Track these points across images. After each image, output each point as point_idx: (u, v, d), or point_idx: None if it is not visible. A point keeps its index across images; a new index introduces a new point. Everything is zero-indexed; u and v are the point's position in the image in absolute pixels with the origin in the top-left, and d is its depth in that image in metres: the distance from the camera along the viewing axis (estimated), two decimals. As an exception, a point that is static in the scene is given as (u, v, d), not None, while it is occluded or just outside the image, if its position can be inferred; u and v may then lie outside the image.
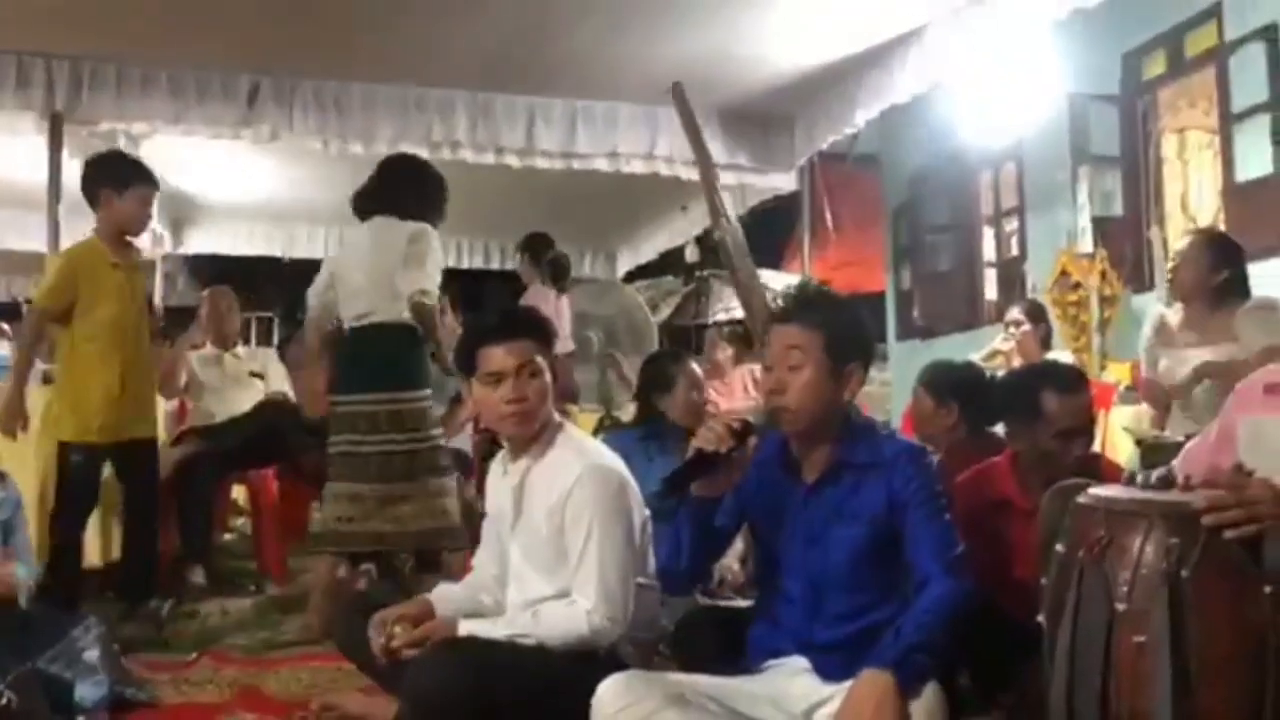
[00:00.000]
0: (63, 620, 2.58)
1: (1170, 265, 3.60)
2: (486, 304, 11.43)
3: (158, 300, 7.85)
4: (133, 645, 3.16)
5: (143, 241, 4.88)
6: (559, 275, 5.94)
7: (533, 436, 2.47)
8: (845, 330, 2.13)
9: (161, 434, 4.45)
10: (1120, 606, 1.71)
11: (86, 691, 2.41)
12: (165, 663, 3.13)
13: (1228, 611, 1.66)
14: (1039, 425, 2.54)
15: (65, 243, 5.03)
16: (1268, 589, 1.62)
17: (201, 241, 7.64)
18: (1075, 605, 1.76)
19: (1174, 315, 3.59)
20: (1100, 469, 2.53)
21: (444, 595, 2.58)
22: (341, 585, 3.69)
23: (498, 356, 2.42)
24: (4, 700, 2.10)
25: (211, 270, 9.12)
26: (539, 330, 2.53)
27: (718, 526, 2.19)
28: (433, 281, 3.70)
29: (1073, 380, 2.63)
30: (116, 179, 3.76)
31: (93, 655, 2.47)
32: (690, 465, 2.05)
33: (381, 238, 3.72)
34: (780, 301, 2.27)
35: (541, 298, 5.56)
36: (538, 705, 2.23)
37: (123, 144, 5.27)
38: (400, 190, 3.83)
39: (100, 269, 3.71)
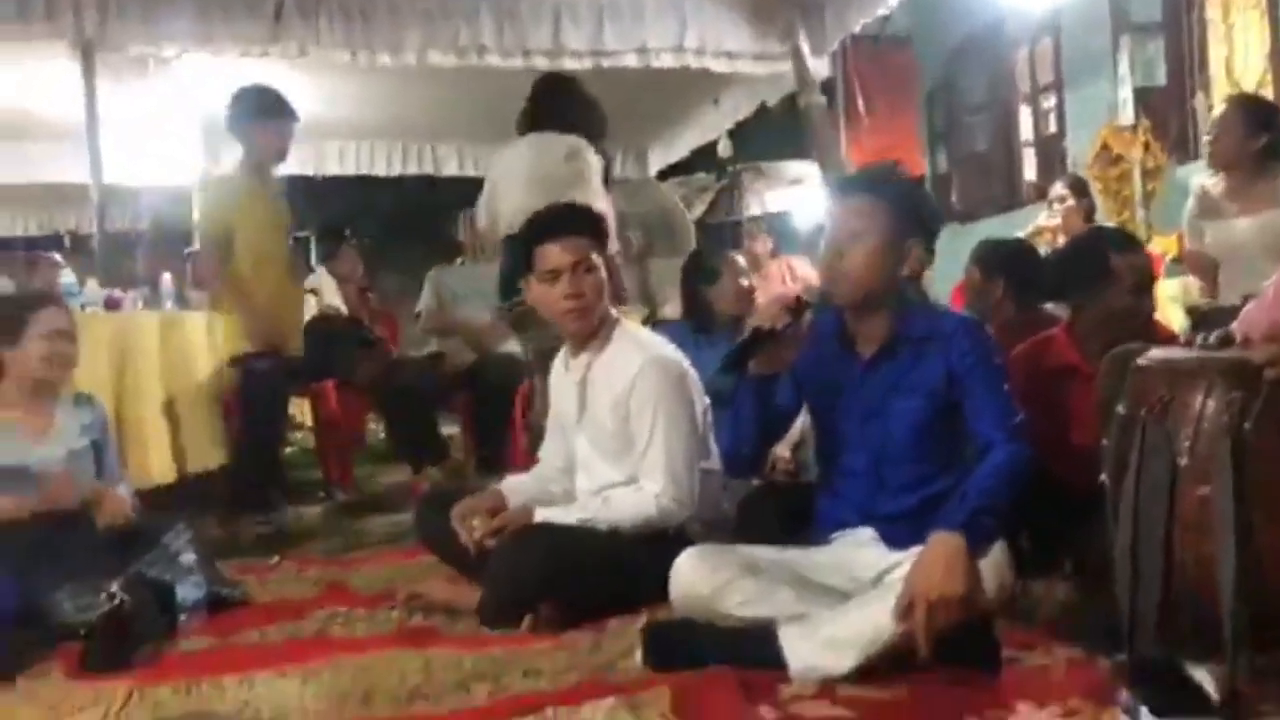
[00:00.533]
0: (156, 527, 2.71)
1: (1208, 135, 3.54)
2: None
3: (195, 223, 7.96)
4: (216, 550, 3.30)
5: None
6: (605, 174, 5.91)
7: (592, 332, 2.54)
8: (909, 204, 2.16)
9: (221, 352, 4.56)
10: (1183, 461, 1.76)
11: (187, 592, 2.54)
12: (250, 566, 3.27)
13: (1296, 459, 1.70)
14: (1109, 287, 2.55)
15: (108, 171, 5.12)
16: (1329, 436, 1.65)
17: (233, 163, 7.64)
18: (1138, 463, 1.81)
19: (1215, 185, 3.54)
20: (1158, 333, 2.55)
21: (514, 486, 2.69)
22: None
23: (554, 254, 2.48)
24: (118, 601, 2.23)
25: (245, 192, 9.15)
26: (594, 227, 2.59)
27: (778, 406, 2.24)
28: (599, 197, 3.95)
29: (1130, 238, 2.68)
30: (258, 111, 4.08)
31: (189, 558, 2.60)
32: (748, 342, 2.10)
33: (537, 152, 4.00)
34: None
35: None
36: (613, 584, 2.35)
37: (152, 68, 5.30)
38: (553, 107, 4.14)
39: (249, 198, 4.02)
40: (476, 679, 1.97)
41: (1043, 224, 4.96)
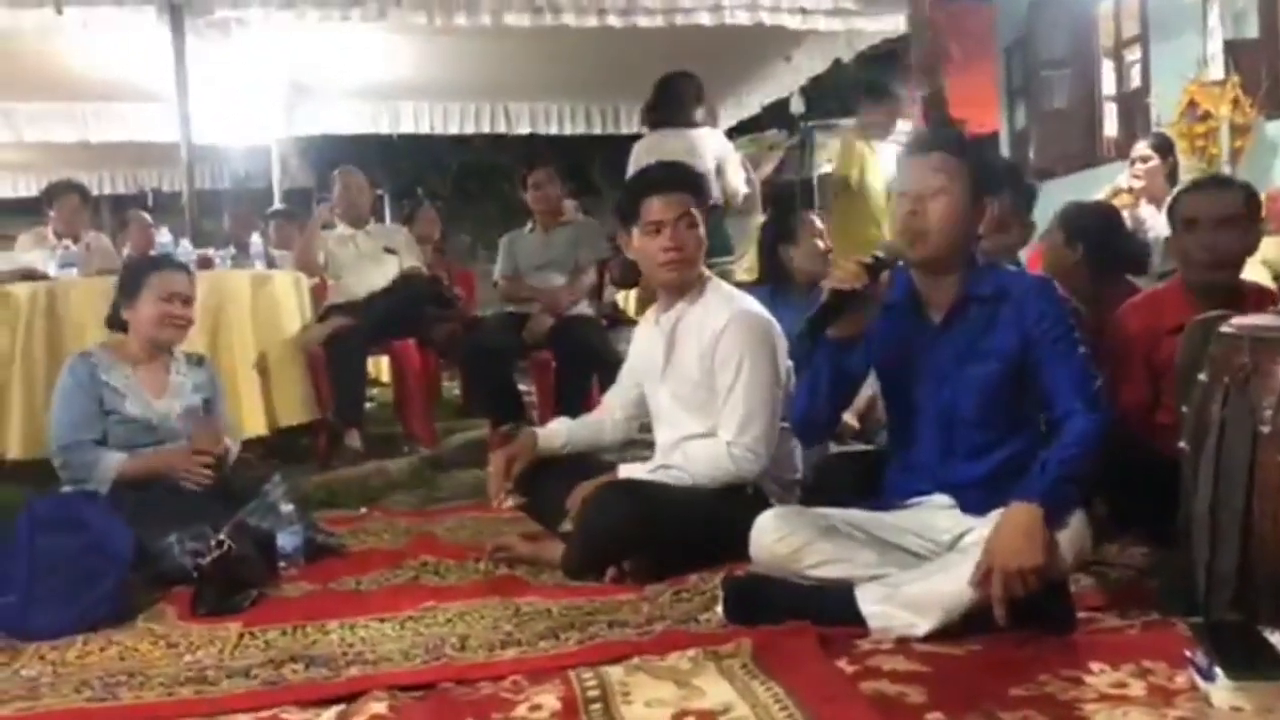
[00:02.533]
0: (255, 477, 2.87)
1: None
2: (591, 170, 11.47)
3: (275, 183, 8.15)
4: (309, 502, 3.45)
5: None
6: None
7: (686, 286, 2.61)
8: (987, 162, 2.17)
9: (307, 311, 4.72)
10: (1264, 429, 1.78)
11: (286, 540, 2.69)
12: (341, 517, 3.42)
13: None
14: (1185, 231, 2.56)
15: (194, 131, 5.27)
16: None
17: (311, 124, 7.79)
18: (1220, 429, 1.83)
19: None
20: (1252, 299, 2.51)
21: (554, 429, 2.84)
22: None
23: (657, 207, 2.57)
24: (226, 547, 2.37)
25: (321, 151, 9.33)
26: (696, 184, 2.68)
27: (850, 371, 2.22)
28: (739, 180, 4.88)
29: (1201, 180, 2.72)
30: None
31: (288, 508, 2.74)
32: (827, 306, 2.08)
33: (661, 145, 4.63)
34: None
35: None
36: (694, 540, 2.43)
37: (236, 30, 5.41)
38: (669, 103, 4.91)
39: None
40: (565, 628, 2.07)
41: (1122, 185, 4.86)
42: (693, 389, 2.59)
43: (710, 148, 4.78)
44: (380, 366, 6.30)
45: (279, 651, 2.04)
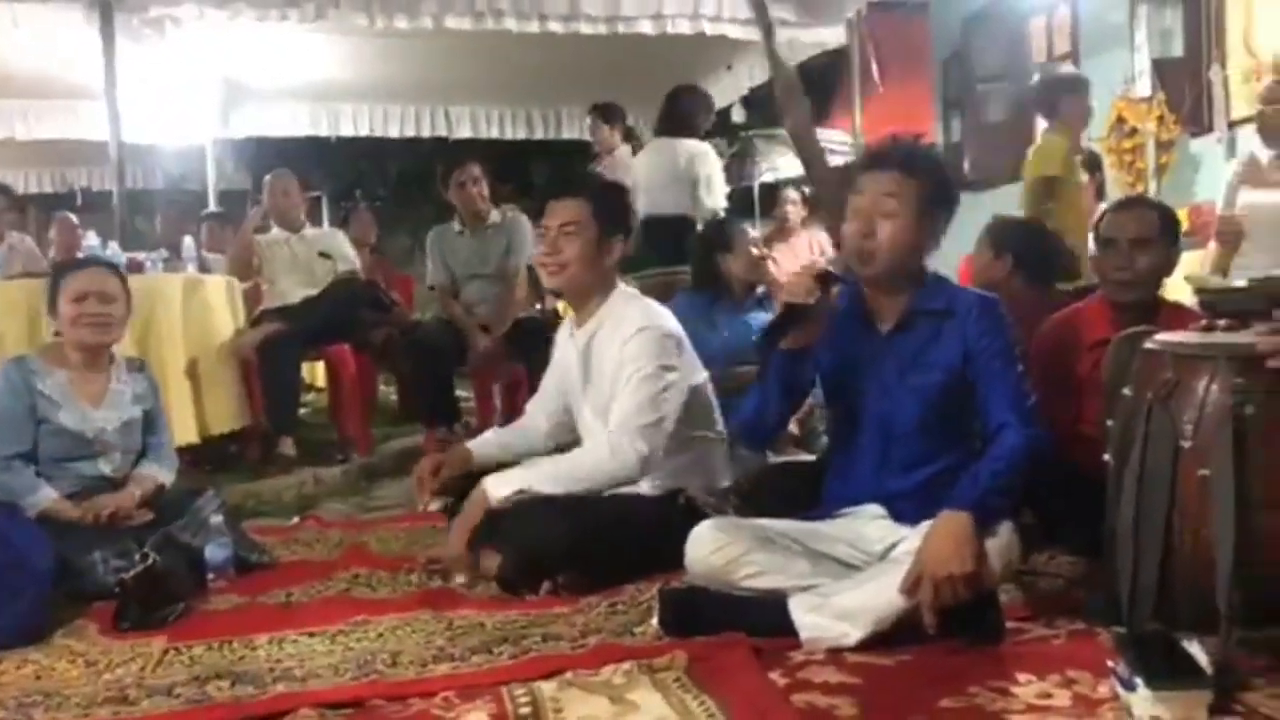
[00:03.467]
0: (188, 494, 2.81)
1: (1259, 108, 3.52)
2: (532, 174, 11.43)
3: (209, 184, 7.98)
4: (239, 511, 3.39)
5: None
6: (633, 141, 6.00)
7: (590, 299, 2.65)
8: (940, 180, 2.18)
9: (240, 316, 4.64)
10: (1185, 443, 1.82)
11: (214, 553, 2.63)
12: (272, 527, 3.36)
13: (1288, 444, 1.76)
14: (1104, 250, 2.64)
15: (125, 130, 5.15)
16: (1327, 423, 1.71)
17: (248, 125, 7.66)
18: (1143, 444, 1.87)
19: (1264, 154, 3.54)
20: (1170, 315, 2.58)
21: (485, 441, 2.84)
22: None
23: (550, 210, 2.61)
24: (150, 561, 2.31)
25: (259, 153, 9.17)
26: (597, 195, 2.65)
27: (800, 380, 2.25)
28: (718, 197, 5.00)
29: (1123, 200, 2.82)
30: None
31: (217, 521, 2.68)
32: (782, 318, 2.12)
33: (651, 154, 5.05)
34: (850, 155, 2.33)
35: (626, 166, 5.57)
36: (630, 553, 2.43)
37: (170, 29, 5.30)
38: (673, 113, 5.10)
39: None
40: (498, 641, 2.05)
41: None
42: (610, 401, 2.58)
43: (699, 161, 4.94)
44: (315, 372, 6.22)
45: (204, 668, 2.00)
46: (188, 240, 4.88)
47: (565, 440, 2.85)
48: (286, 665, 1.99)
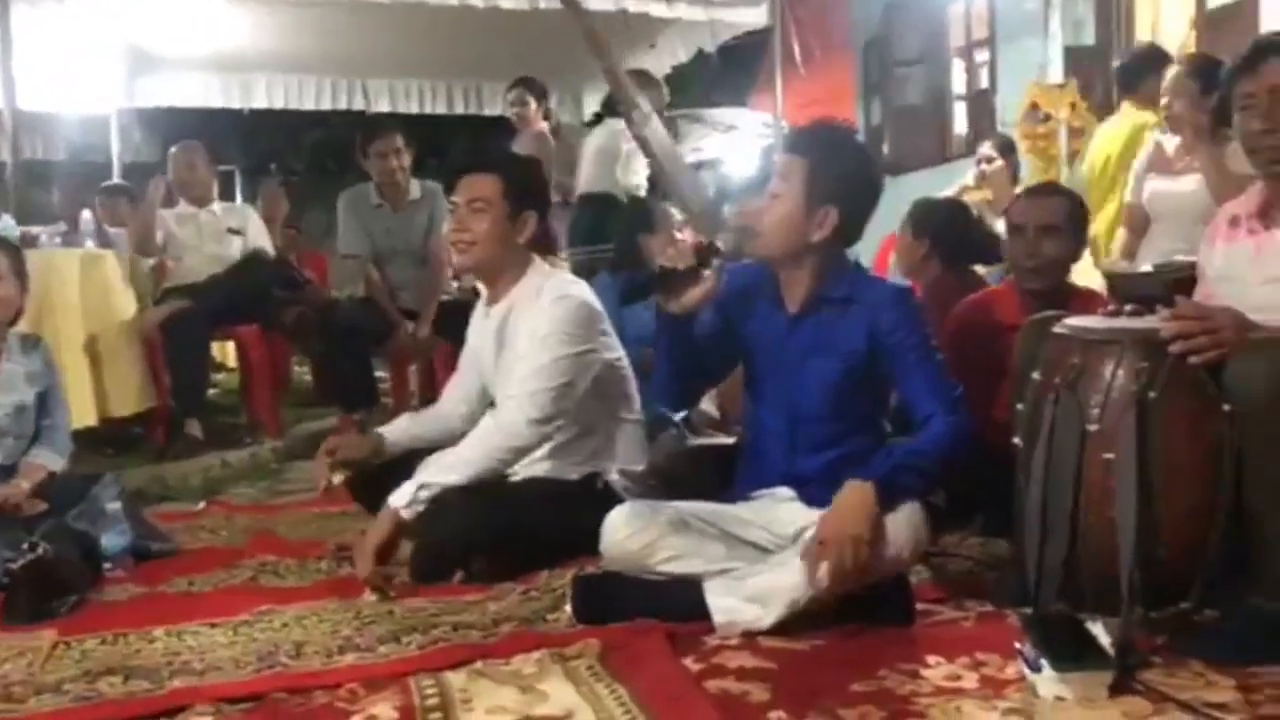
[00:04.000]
0: (85, 480, 2.69)
1: (1163, 99, 3.57)
2: (452, 148, 11.27)
3: (114, 156, 7.68)
4: (142, 497, 3.28)
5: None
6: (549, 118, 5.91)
7: (502, 276, 2.60)
8: (830, 169, 2.12)
9: (144, 293, 4.47)
10: (1091, 427, 1.85)
11: (111, 541, 2.52)
12: (175, 512, 3.25)
13: (1189, 428, 1.80)
14: (1012, 236, 2.69)
15: (21, 97, 4.92)
16: (1226, 407, 1.75)
17: (157, 94, 7.37)
18: (1050, 427, 1.89)
19: (1170, 143, 3.60)
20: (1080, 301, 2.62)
21: (409, 423, 2.77)
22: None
23: (459, 186, 2.56)
24: (40, 551, 2.21)
25: (169, 124, 8.85)
26: (508, 170, 2.60)
27: (702, 348, 2.19)
28: (638, 174, 5.13)
29: (1031, 187, 2.88)
30: None
31: (115, 507, 2.58)
32: (650, 279, 2.12)
33: (596, 133, 5.38)
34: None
35: (543, 141, 5.49)
36: (544, 539, 2.39)
37: (70, -7, 5.08)
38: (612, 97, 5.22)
39: None
40: (407, 631, 2.00)
41: (968, 183, 5.02)
42: None
43: (619, 138, 5.10)
44: (226, 352, 6.04)
45: (96, 663, 1.91)
46: (86, 214, 4.68)
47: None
48: (185, 659, 1.91)
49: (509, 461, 2.45)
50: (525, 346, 2.49)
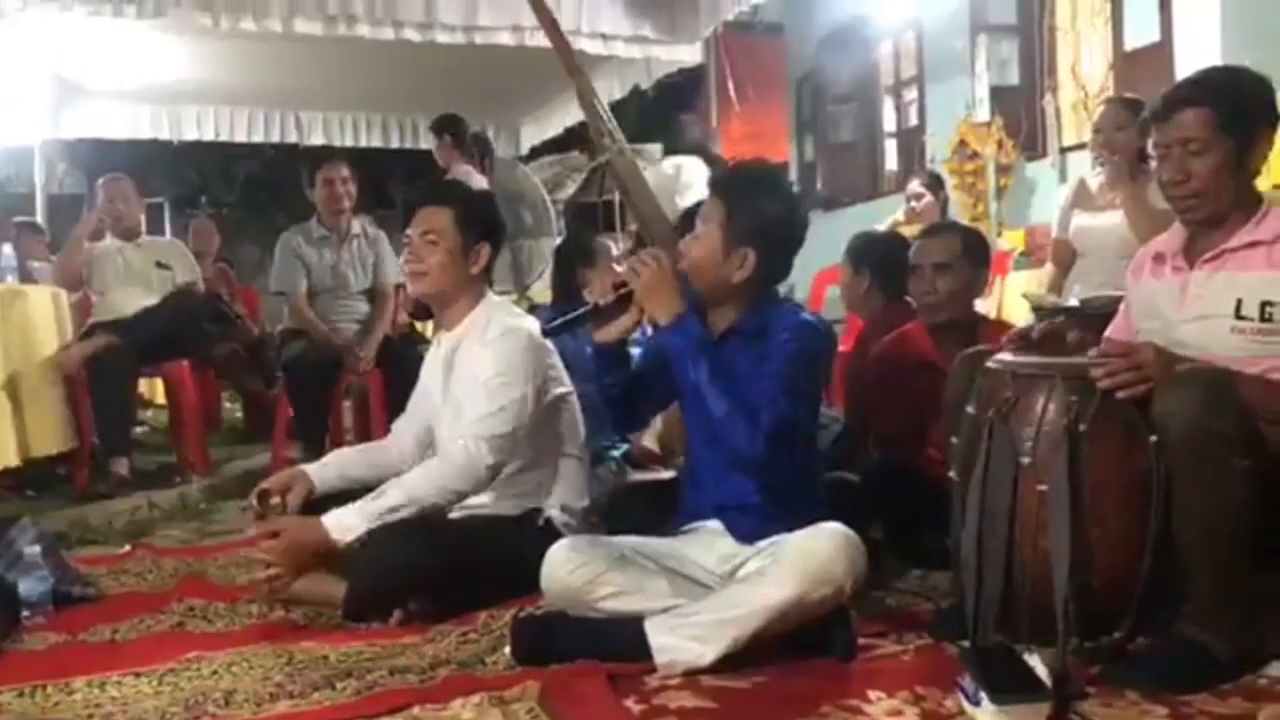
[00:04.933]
0: (1, 523, 2.59)
1: (1094, 132, 3.65)
2: (389, 182, 11.22)
3: (38, 188, 7.48)
4: (64, 540, 3.17)
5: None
6: (486, 154, 5.87)
7: (453, 306, 2.60)
8: (747, 212, 2.14)
9: (67, 329, 4.34)
10: (1025, 460, 1.88)
11: (30, 587, 2.43)
12: (101, 556, 3.14)
13: (1118, 459, 1.85)
14: (912, 275, 2.82)
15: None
16: (1153, 439, 1.79)
17: (83, 125, 7.22)
18: (985, 460, 1.92)
19: (1094, 180, 3.69)
20: (989, 332, 2.70)
21: (341, 460, 2.70)
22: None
23: (415, 219, 2.57)
24: (-47, 599, 2.12)
25: (95, 156, 8.68)
26: (461, 203, 2.62)
27: (643, 373, 2.26)
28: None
29: (928, 227, 3.04)
30: None
31: (33, 552, 2.48)
32: (573, 314, 2.19)
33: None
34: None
35: (468, 178, 5.46)
36: (485, 576, 2.35)
37: (-8, 20, 4.96)
38: None
39: None
40: (342, 676, 1.94)
41: (898, 219, 5.12)
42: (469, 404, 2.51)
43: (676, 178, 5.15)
44: (155, 388, 5.90)
45: (12, 717, 1.83)
46: (6, 248, 4.55)
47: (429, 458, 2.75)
48: (106, 710, 1.84)
49: (455, 502, 2.42)
50: (471, 383, 2.47)
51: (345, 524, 2.29)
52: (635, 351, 2.42)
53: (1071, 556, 1.81)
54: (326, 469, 2.63)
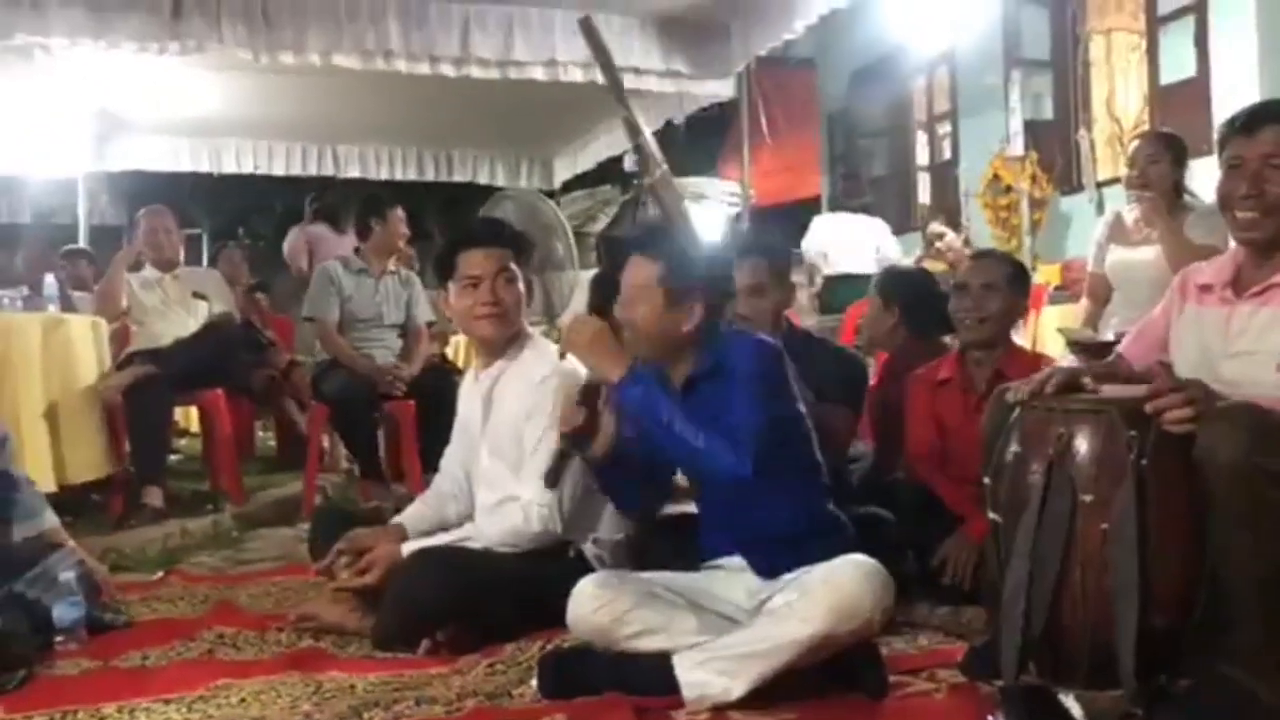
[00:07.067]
0: (41, 548, 2.61)
1: (1129, 167, 3.64)
2: (425, 218, 11.34)
3: (81, 219, 7.63)
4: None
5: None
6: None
7: (506, 343, 2.59)
8: (683, 268, 2.15)
9: (106, 358, 4.40)
10: (1086, 498, 1.81)
11: (64, 612, 2.44)
12: (133, 583, 3.16)
13: (1181, 495, 1.77)
14: (957, 294, 2.84)
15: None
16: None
17: (125, 158, 7.36)
18: (1041, 501, 1.86)
19: (1129, 214, 3.66)
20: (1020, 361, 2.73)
21: (415, 514, 2.68)
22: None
23: (477, 260, 2.54)
24: (-12, 622, 2.14)
25: (135, 188, 8.84)
26: (516, 240, 2.68)
27: (642, 455, 2.20)
28: None
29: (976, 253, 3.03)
30: None
31: (69, 577, 2.49)
32: (561, 452, 2.16)
33: None
34: None
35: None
36: (513, 607, 2.34)
37: (40, 58, 5.08)
38: None
39: None
40: (369, 706, 1.94)
41: (930, 262, 5.10)
42: (510, 445, 2.51)
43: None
44: (190, 416, 5.96)
45: (43, 742, 1.84)
46: (50, 278, 4.63)
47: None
48: (136, 737, 1.85)
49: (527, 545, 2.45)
50: (518, 416, 2.49)
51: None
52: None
53: (1140, 595, 1.75)
54: (416, 520, 2.65)
